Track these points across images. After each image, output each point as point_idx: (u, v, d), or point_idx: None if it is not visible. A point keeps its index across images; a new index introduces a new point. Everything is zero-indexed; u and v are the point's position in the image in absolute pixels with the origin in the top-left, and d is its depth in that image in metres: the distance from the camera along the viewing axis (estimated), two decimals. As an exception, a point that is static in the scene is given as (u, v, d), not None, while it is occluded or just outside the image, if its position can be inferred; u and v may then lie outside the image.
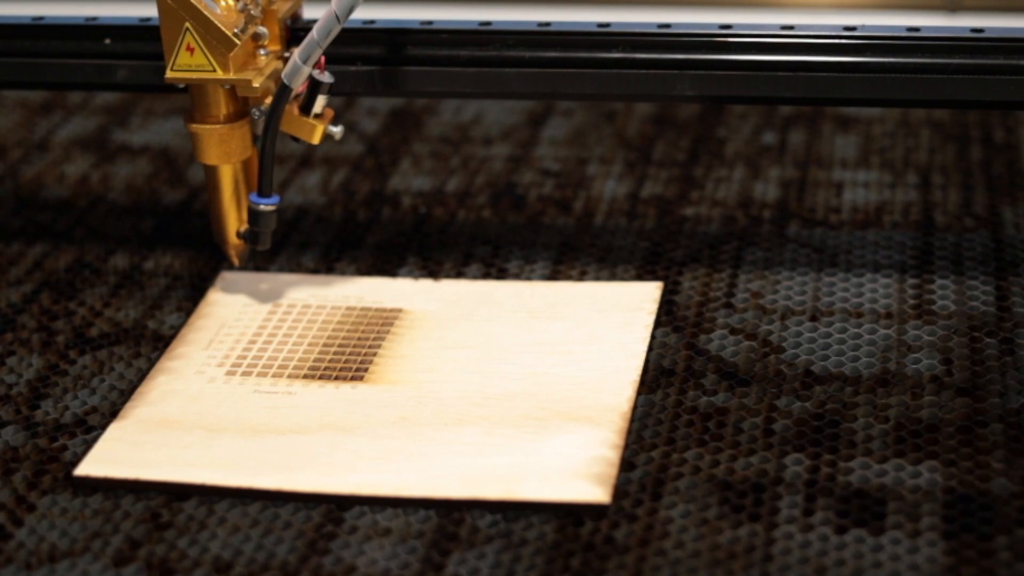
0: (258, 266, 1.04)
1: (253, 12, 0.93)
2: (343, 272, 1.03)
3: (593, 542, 0.79)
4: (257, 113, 0.95)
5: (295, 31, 0.96)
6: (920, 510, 0.79)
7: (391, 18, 0.98)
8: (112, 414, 0.91)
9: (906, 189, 1.09)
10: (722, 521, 0.80)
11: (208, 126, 0.95)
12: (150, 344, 0.97)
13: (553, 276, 1.02)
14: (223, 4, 0.92)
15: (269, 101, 0.93)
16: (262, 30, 0.93)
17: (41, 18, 1.01)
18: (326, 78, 0.92)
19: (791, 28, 0.93)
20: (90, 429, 0.90)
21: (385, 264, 1.04)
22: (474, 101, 1.26)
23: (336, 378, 0.92)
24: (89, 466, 0.86)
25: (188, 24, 0.91)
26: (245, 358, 0.95)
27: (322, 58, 0.91)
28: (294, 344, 0.96)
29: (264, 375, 0.93)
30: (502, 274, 1.02)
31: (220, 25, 0.91)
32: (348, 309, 0.99)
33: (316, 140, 0.94)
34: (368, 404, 0.90)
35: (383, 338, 0.96)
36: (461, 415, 0.88)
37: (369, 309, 0.99)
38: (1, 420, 0.91)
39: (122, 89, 1.09)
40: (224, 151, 0.95)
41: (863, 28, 0.93)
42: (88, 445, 0.88)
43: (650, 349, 0.93)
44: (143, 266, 1.06)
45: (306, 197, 1.13)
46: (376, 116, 1.25)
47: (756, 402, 0.88)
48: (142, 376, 0.94)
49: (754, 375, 0.90)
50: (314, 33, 0.89)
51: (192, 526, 0.82)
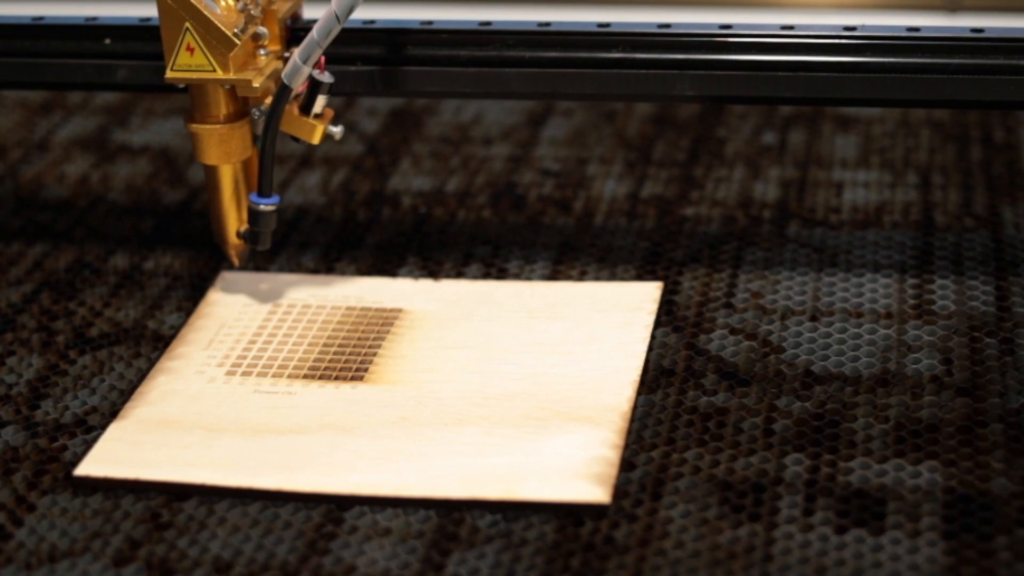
0: (258, 266, 1.04)
1: (253, 12, 0.93)
2: (343, 272, 1.03)
3: (593, 542, 0.79)
4: (257, 113, 0.95)
5: (295, 31, 0.96)
6: (920, 510, 0.79)
7: (391, 18, 0.98)
8: (112, 414, 0.91)
9: (906, 189, 1.09)
10: (722, 521, 0.80)
11: (208, 126, 0.95)
12: (150, 344, 0.97)
13: (553, 276, 1.02)
14: (223, 4, 0.92)
15: (269, 101, 0.93)
16: (262, 30, 0.93)
17: (41, 18, 1.01)
18: (326, 78, 0.92)
19: (791, 28, 0.93)
20: (90, 429, 0.90)
21: (385, 264, 1.04)
22: (474, 101, 1.26)
23: (336, 378, 0.92)
24: (89, 466, 0.86)
25: (188, 24, 0.91)
26: (245, 358, 0.95)
27: (322, 58, 0.91)
28: (294, 344, 0.96)
29: (264, 375, 0.93)
30: (502, 274, 1.02)
31: (220, 25, 0.91)
32: (348, 309, 0.99)
33: (316, 140, 0.94)
34: (368, 404, 0.90)
35: (383, 338, 0.96)
36: (461, 415, 0.88)
37: (369, 309, 0.99)
38: (1, 420, 0.91)
39: (122, 89, 1.09)
40: (224, 151, 0.96)
41: (863, 28, 0.93)
42: (88, 445, 0.88)
43: (650, 349, 0.93)
44: (143, 266, 1.05)
45: (306, 197, 1.13)
46: (376, 116, 1.25)
47: (756, 402, 0.88)
48: (142, 376, 0.94)
49: (754, 375, 0.90)
50: (314, 33, 0.89)
51: (192, 526, 0.82)
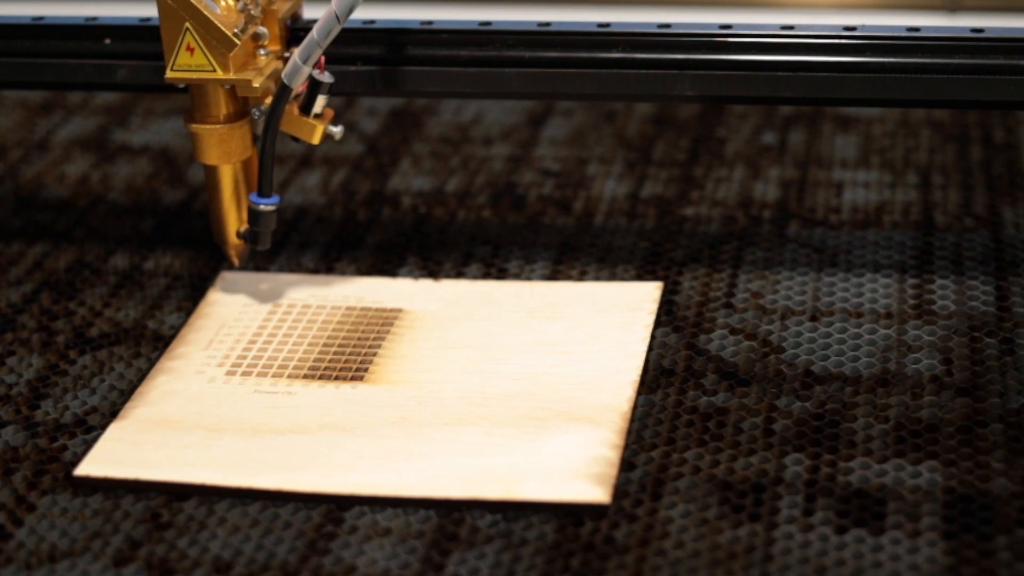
0: (258, 266, 1.04)
1: (253, 12, 0.93)
2: (343, 272, 1.03)
3: (593, 542, 0.79)
4: (257, 113, 0.95)
5: (295, 31, 0.96)
6: (920, 510, 0.79)
7: (391, 18, 0.98)
8: (112, 414, 0.91)
9: (906, 189, 1.09)
10: (722, 521, 0.80)
11: (208, 126, 0.95)
12: (150, 344, 0.97)
13: (553, 276, 1.02)
14: (223, 4, 0.92)
15: (269, 101, 0.93)
16: (262, 30, 0.93)
17: (41, 18, 1.01)
18: (326, 78, 0.92)
19: (791, 28, 0.93)
20: (90, 429, 0.90)
21: (385, 264, 1.04)
22: (474, 101, 1.26)
23: (336, 378, 0.92)
24: (89, 466, 0.86)
25: (188, 24, 0.91)
26: (245, 358, 0.95)
27: (322, 58, 0.91)
28: (294, 344, 0.96)
29: (264, 375, 0.93)
30: (502, 274, 1.02)
31: (220, 25, 0.91)
32: (348, 309, 0.99)
33: (316, 140, 0.94)
34: (368, 404, 0.90)
35: (383, 338, 0.96)
36: (461, 415, 0.88)
37: (369, 309, 0.99)
38: (1, 420, 0.91)
39: (122, 89, 1.09)
40: (224, 151, 0.95)
41: (863, 28, 0.93)
42: (88, 445, 0.88)
43: (650, 349, 0.93)
44: (143, 266, 1.05)
45: (306, 197, 1.13)
46: (376, 116, 1.25)
47: (756, 402, 0.88)
48: (142, 376, 0.94)
49: (754, 375, 0.90)
50: (314, 33, 0.89)
51: (192, 526, 0.82)
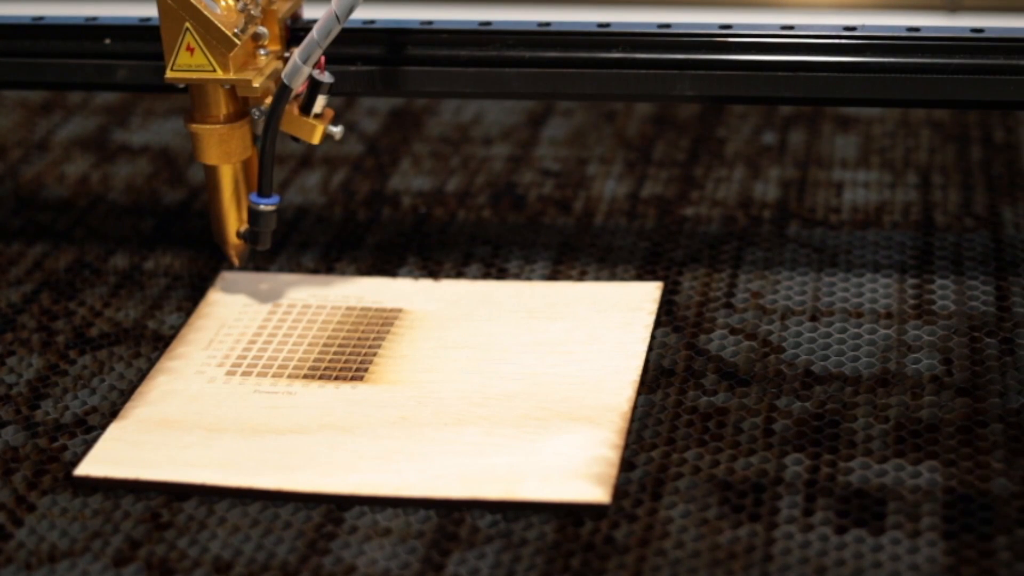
0: (258, 266, 1.04)
1: (253, 12, 0.93)
2: (343, 272, 1.03)
3: (593, 542, 0.79)
4: (257, 113, 0.95)
5: (295, 31, 0.96)
6: (920, 510, 0.79)
7: (391, 18, 0.98)
8: (112, 414, 0.91)
9: (906, 189, 1.09)
10: (722, 521, 0.80)
11: (208, 126, 0.95)
12: (150, 344, 0.97)
13: (553, 276, 1.02)
14: (223, 4, 0.92)
15: (269, 101, 0.93)
16: (262, 30, 0.93)
17: (41, 18, 1.01)
18: (326, 78, 0.92)
19: (791, 28, 0.93)
20: (90, 429, 0.90)
21: (385, 264, 1.04)
22: (474, 101, 1.26)
23: (336, 378, 0.92)
24: (89, 466, 0.86)
25: (188, 24, 0.91)
26: (245, 358, 0.95)
27: (322, 58, 0.91)
28: (294, 344, 0.96)
29: (264, 375, 0.93)
30: (502, 274, 1.02)
31: (220, 25, 0.91)
32: (348, 309, 0.99)
33: (316, 140, 0.94)
34: (368, 404, 0.90)
35: (383, 338, 0.96)
36: (461, 415, 0.88)
37: (369, 309, 0.99)
38: (1, 420, 0.91)
39: (122, 89, 1.09)
40: (224, 151, 0.96)
41: (863, 28, 0.93)
42: (88, 445, 0.88)
43: (650, 349, 0.93)
44: (143, 266, 1.05)
45: (306, 197, 1.13)
46: (376, 116, 1.25)
47: (756, 402, 0.88)
48: (142, 376, 0.94)
49: (754, 375, 0.90)
50: (314, 33, 0.89)
51: (192, 526, 0.82)
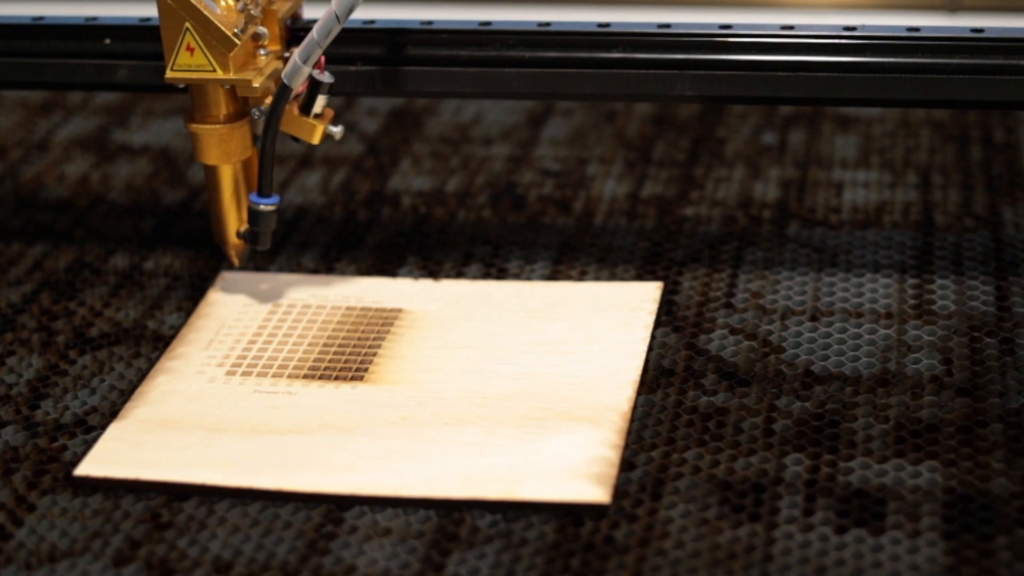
0: (258, 266, 1.04)
1: (253, 12, 0.93)
2: (343, 272, 1.03)
3: (593, 542, 0.79)
4: (257, 113, 0.95)
5: (295, 31, 0.96)
6: (920, 510, 0.79)
7: (391, 18, 0.98)
8: (112, 414, 0.91)
9: (906, 189, 1.09)
10: (722, 521, 0.80)
11: (208, 126, 0.95)
12: (150, 344, 0.97)
13: (553, 276, 1.02)
14: (223, 4, 0.92)
15: (269, 101, 0.93)
16: (262, 30, 0.93)
17: (41, 18, 1.01)
18: (326, 78, 0.92)
19: (791, 28, 0.93)
20: (90, 429, 0.90)
21: (385, 264, 1.04)
22: (474, 101, 1.26)
23: (336, 378, 0.92)
24: (89, 466, 0.86)
25: (188, 24, 0.91)
26: (245, 358, 0.95)
27: (322, 58, 0.91)
28: (294, 344, 0.96)
29: (264, 375, 0.93)
30: (502, 274, 1.02)
31: (220, 25, 0.91)
32: (348, 309, 0.99)
33: (316, 140, 0.94)
34: (368, 404, 0.90)
35: (383, 338, 0.96)
36: (461, 415, 0.88)
37: (369, 309, 0.99)
38: (1, 420, 0.91)
39: (122, 89, 1.09)
40: (224, 151, 0.96)
41: (863, 28, 0.93)
42: (88, 445, 0.88)
43: (650, 349, 0.93)
44: (143, 266, 1.05)
45: (306, 197, 1.13)
46: (376, 116, 1.25)
47: (756, 402, 0.88)
48: (142, 376, 0.94)
49: (754, 375, 0.90)
50: (314, 33, 0.89)
51: (192, 526, 0.82)
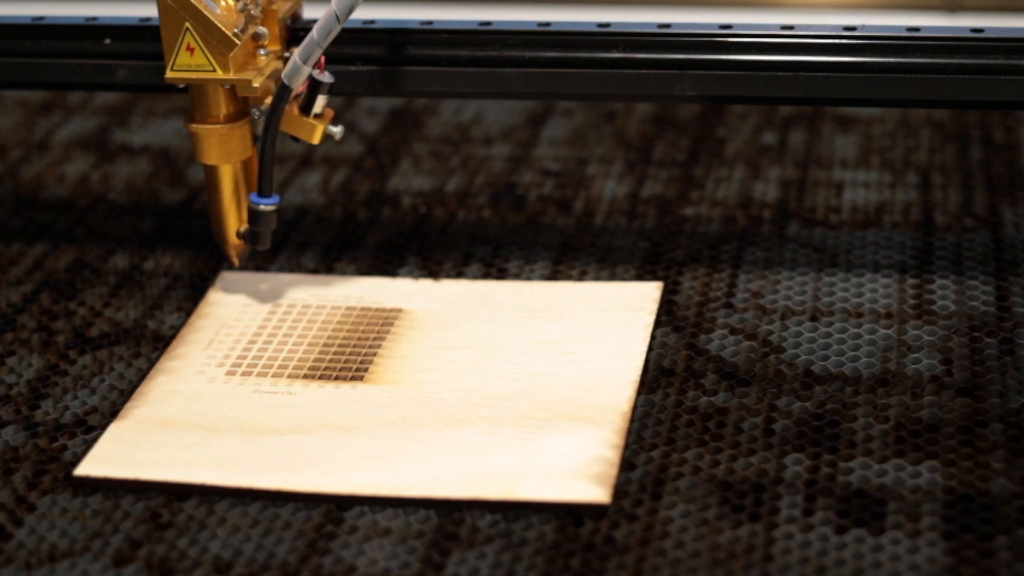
0: (258, 266, 1.04)
1: (253, 12, 0.93)
2: (343, 272, 1.03)
3: (593, 542, 0.79)
4: (257, 113, 0.95)
5: (295, 31, 0.96)
6: (920, 510, 0.79)
7: (391, 18, 0.98)
8: (112, 414, 0.91)
9: (906, 189, 1.09)
10: (722, 521, 0.80)
11: (208, 126, 0.95)
12: (150, 344, 0.97)
13: (553, 276, 1.02)
14: (223, 4, 0.92)
15: (269, 101, 0.93)
16: (262, 30, 0.93)
17: (41, 18, 1.01)
18: (326, 78, 0.92)
19: (791, 28, 0.93)
20: (90, 429, 0.90)
21: (385, 264, 1.04)
22: (474, 101, 1.26)
23: (336, 378, 0.92)
24: (89, 466, 0.86)
25: (188, 24, 0.91)
26: (245, 358, 0.95)
27: (322, 58, 0.91)
28: (294, 344, 0.96)
29: (264, 375, 0.93)
30: (502, 274, 1.02)
31: (220, 25, 0.91)
32: (348, 309, 0.99)
33: (316, 140, 0.94)
34: (368, 404, 0.90)
35: (383, 338, 0.96)
36: (461, 415, 0.88)
37: (369, 309, 0.99)
38: (1, 420, 0.91)
39: (122, 89, 1.09)
40: (224, 151, 0.96)
41: (863, 28, 0.93)
42: (88, 445, 0.88)
43: (650, 349, 0.93)
44: (143, 266, 1.05)
45: (306, 197, 1.13)
46: (376, 116, 1.25)
47: (756, 402, 0.88)
48: (142, 376, 0.94)
49: (754, 375, 0.90)
50: (314, 33, 0.89)
51: (192, 526, 0.82)
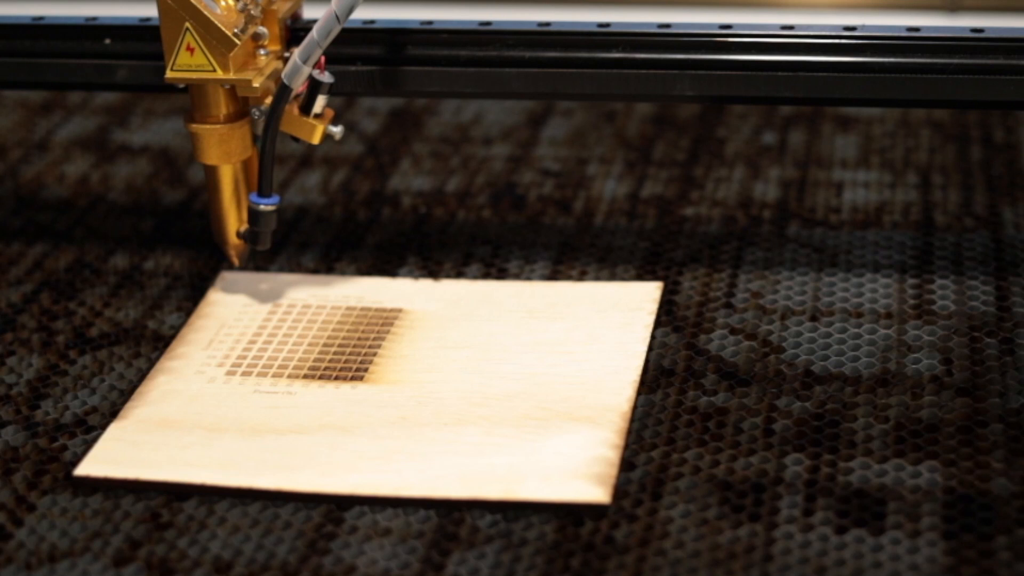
0: (258, 266, 1.04)
1: (253, 12, 0.93)
2: (343, 272, 1.03)
3: (593, 542, 0.79)
4: (257, 113, 0.95)
5: (295, 31, 0.96)
6: (920, 510, 0.79)
7: (391, 18, 0.98)
8: (112, 414, 0.91)
9: (906, 189, 1.09)
10: (722, 521, 0.80)
11: (208, 126, 0.95)
12: (150, 344, 0.97)
13: (553, 276, 1.02)
14: (223, 4, 0.92)
15: (269, 101, 0.93)
16: (262, 30, 0.93)
17: (41, 18, 1.01)
18: (326, 78, 0.92)
19: (791, 28, 0.93)
20: (90, 429, 0.90)
21: (385, 264, 1.04)
22: (474, 101, 1.26)
23: (336, 378, 0.92)
24: (89, 466, 0.86)
25: (188, 24, 0.91)
26: (245, 358, 0.95)
27: (322, 58, 0.91)
28: (294, 344, 0.96)
29: (264, 375, 0.93)
30: (502, 274, 1.02)
31: (220, 25, 0.91)
32: (348, 309, 0.99)
33: (316, 140, 0.94)
34: (368, 404, 0.90)
35: (383, 338, 0.96)
36: (461, 415, 0.88)
37: (369, 309, 0.99)
38: (1, 420, 0.91)
39: (122, 89, 1.09)
40: (224, 151, 0.96)
41: (863, 28, 0.93)
42: (88, 445, 0.88)
43: (650, 349, 0.93)
44: (143, 266, 1.05)
45: (306, 197, 1.13)
46: (376, 116, 1.25)
47: (756, 402, 0.88)
48: (142, 376, 0.94)
49: (754, 375, 0.90)
50: (314, 33, 0.89)
51: (192, 526, 0.82)
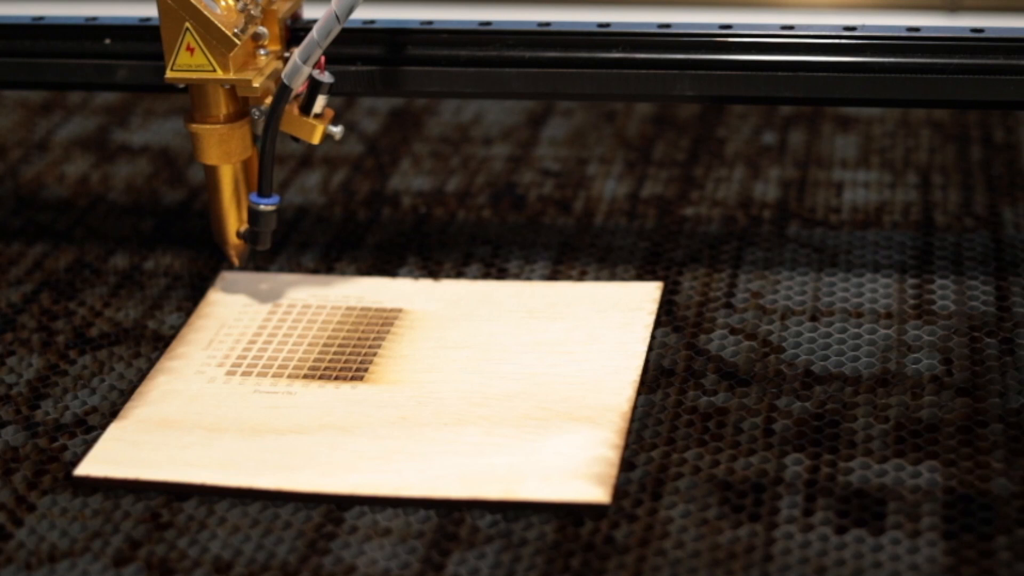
0: (258, 266, 1.04)
1: (253, 12, 0.93)
2: (343, 272, 1.03)
3: (593, 542, 0.79)
4: (257, 113, 0.95)
5: (295, 31, 0.96)
6: (920, 510, 0.79)
7: (391, 18, 0.98)
8: (112, 414, 0.91)
9: (906, 189, 1.09)
10: (722, 521, 0.80)
11: (208, 126, 0.95)
12: (150, 344, 0.97)
13: (553, 276, 1.02)
14: (223, 4, 0.92)
15: (269, 101, 0.93)
16: (262, 30, 0.93)
17: (41, 18, 1.01)
18: (326, 78, 0.92)
19: (791, 28, 0.93)
20: (90, 429, 0.90)
21: (385, 264, 1.04)
22: (474, 101, 1.26)
23: (336, 378, 0.92)
24: (89, 466, 0.86)
25: (188, 24, 0.91)
26: (245, 358, 0.95)
27: (322, 58, 0.91)
28: (294, 344, 0.96)
29: (264, 375, 0.93)
30: (502, 274, 1.02)
31: (220, 25, 0.91)
32: (348, 309, 0.99)
33: (316, 140, 0.94)
34: (368, 404, 0.90)
35: (383, 338, 0.96)
36: (461, 415, 0.88)
37: (369, 309, 0.99)
38: (1, 420, 0.91)
39: (122, 89, 1.09)
40: (224, 151, 0.96)
41: (863, 28, 0.93)
42: (88, 445, 0.88)
43: (650, 349, 0.93)
44: (143, 266, 1.05)
45: (306, 197, 1.13)
46: (376, 116, 1.25)
47: (756, 402, 0.88)
48: (142, 376, 0.94)
49: (754, 375, 0.90)
50: (314, 33, 0.89)
51: (192, 526, 0.82)
